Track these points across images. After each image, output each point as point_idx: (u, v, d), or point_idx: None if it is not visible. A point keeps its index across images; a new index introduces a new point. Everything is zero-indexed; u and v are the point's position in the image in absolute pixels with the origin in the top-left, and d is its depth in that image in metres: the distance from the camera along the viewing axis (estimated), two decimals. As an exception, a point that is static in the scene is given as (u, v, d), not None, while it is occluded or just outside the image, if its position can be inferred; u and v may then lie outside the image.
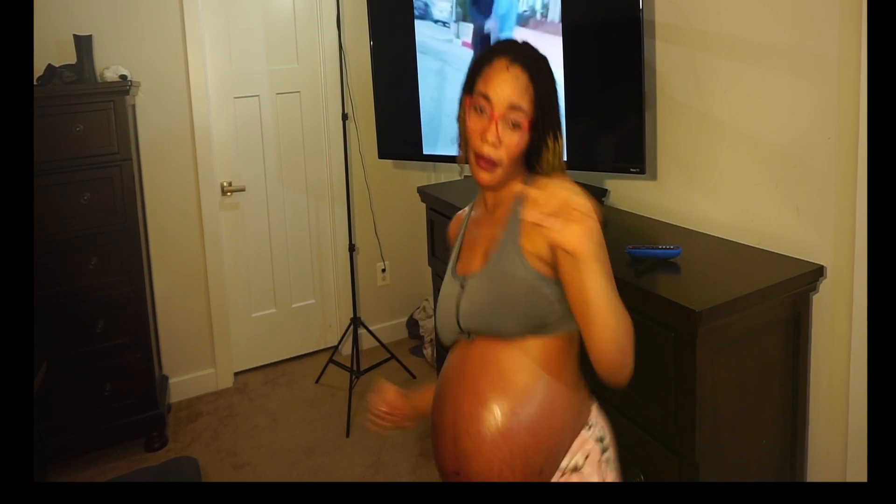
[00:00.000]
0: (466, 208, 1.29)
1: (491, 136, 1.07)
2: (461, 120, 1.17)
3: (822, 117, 1.47)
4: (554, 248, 1.01)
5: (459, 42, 2.35)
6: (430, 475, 2.34)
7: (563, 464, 1.04)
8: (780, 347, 1.48)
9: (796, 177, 1.55)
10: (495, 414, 1.02)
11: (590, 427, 1.09)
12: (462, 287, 1.13)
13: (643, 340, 1.38)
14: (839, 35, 1.41)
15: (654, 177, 1.97)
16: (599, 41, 1.89)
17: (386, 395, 1.27)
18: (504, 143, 1.08)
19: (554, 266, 1.04)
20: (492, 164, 1.09)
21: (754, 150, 1.65)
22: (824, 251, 1.49)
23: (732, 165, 1.72)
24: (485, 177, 1.10)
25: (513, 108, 1.07)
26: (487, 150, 1.08)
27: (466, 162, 1.16)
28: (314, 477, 2.39)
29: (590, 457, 1.06)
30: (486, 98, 1.08)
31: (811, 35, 1.48)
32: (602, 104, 1.92)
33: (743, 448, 1.44)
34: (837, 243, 1.46)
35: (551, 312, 1.04)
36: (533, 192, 0.89)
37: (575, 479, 1.04)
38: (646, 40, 1.83)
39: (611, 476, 1.09)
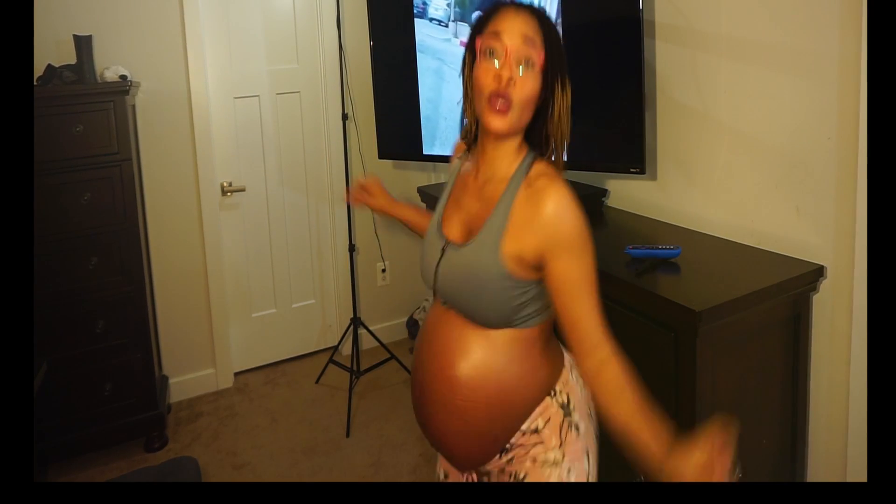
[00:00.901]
0: (453, 160, 1.29)
1: (506, 72, 1.03)
2: (467, 78, 1.13)
3: (822, 117, 1.47)
4: (543, 255, 1.02)
5: (458, 42, 2.35)
6: (431, 475, 2.34)
7: (524, 426, 1.09)
8: (780, 347, 1.48)
9: (796, 177, 1.55)
10: (458, 388, 1.07)
11: (554, 394, 1.11)
12: (443, 251, 1.13)
13: (643, 340, 1.38)
14: (839, 35, 1.41)
15: (654, 177, 1.98)
16: (599, 41, 1.89)
17: (372, 178, 1.53)
18: (518, 82, 1.03)
19: (535, 268, 1.04)
20: (507, 104, 1.03)
21: (754, 150, 1.66)
22: (824, 251, 1.49)
23: (732, 165, 1.72)
24: (498, 123, 1.04)
25: (526, 40, 1.04)
26: (504, 89, 1.03)
27: (469, 134, 1.17)
28: (314, 477, 2.39)
29: (550, 420, 1.09)
30: (497, 34, 1.05)
31: (811, 35, 1.48)
32: (602, 104, 1.92)
33: (743, 448, 1.44)
34: (837, 243, 1.46)
35: (518, 314, 1.06)
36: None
37: (534, 440, 1.09)
38: (646, 40, 1.83)
39: (572, 440, 1.10)
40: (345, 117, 3.00)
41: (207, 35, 2.89)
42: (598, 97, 1.92)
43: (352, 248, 3.01)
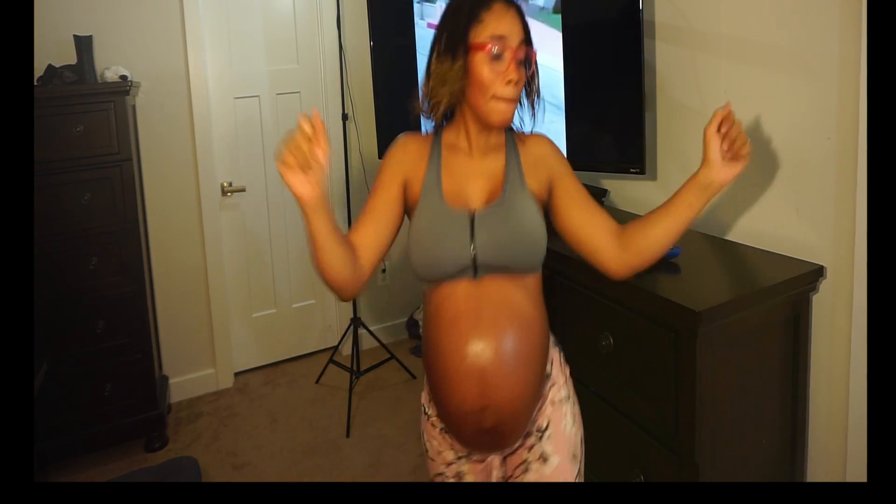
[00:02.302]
0: (410, 141, 1.25)
1: (514, 74, 1.11)
2: (447, 65, 1.15)
3: (822, 117, 1.47)
4: (552, 181, 1.21)
5: (424, 24, 2.37)
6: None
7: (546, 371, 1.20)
8: (780, 347, 1.48)
9: (796, 177, 1.55)
10: (516, 347, 1.10)
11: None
12: (472, 221, 1.13)
13: (643, 340, 1.38)
14: (839, 35, 1.41)
15: (654, 177, 1.98)
16: (599, 41, 1.89)
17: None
18: (520, 79, 1.13)
19: (545, 200, 1.21)
20: (513, 102, 1.13)
21: (754, 150, 1.65)
22: (824, 251, 1.49)
23: (732, 165, 1.72)
24: (504, 118, 1.14)
25: (524, 43, 1.13)
26: (511, 91, 1.11)
27: (433, 111, 1.21)
28: (314, 477, 2.39)
29: (553, 360, 1.22)
30: (502, 39, 1.11)
31: (811, 35, 1.48)
32: (602, 104, 1.92)
33: (743, 448, 1.44)
34: (837, 243, 1.46)
35: (545, 246, 1.17)
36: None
37: (548, 384, 1.19)
38: (646, 40, 1.83)
39: (567, 371, 1.25)
40: (345, 117, 3.00)
41: (207, 35, 2.89)
42: (598, 97, 1.92)
43: (352, 249, 3.01)
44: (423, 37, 2.41)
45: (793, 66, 1.53)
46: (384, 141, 2.78)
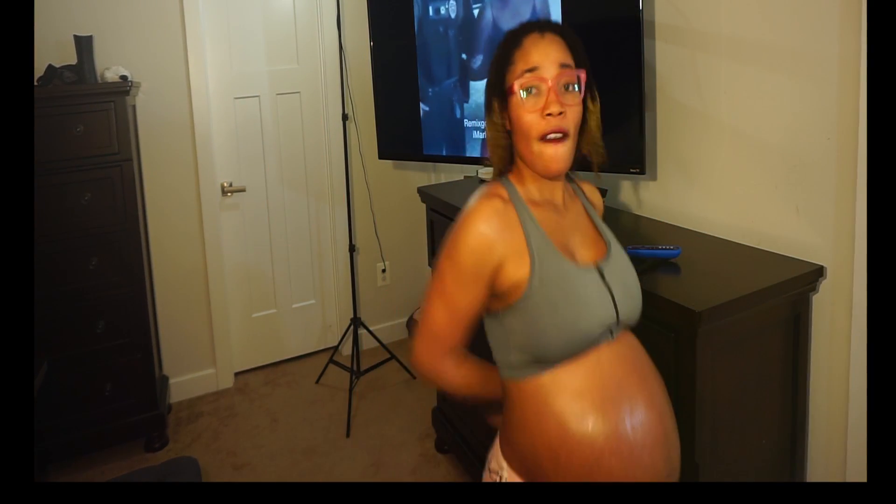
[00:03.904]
0: (492, 219, 1.01)
1: (554, 106, 0.98)
2: (499, 121, 1.06)
3: (822, 117, 1.47)
4: None
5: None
6: (430, 475, 2.34)
7: None
8: (780, 347, 1.48)
9: (796, 177, 1.55)
10: (666, 398, 1.05)
11: None
12: (602, 276, 1.03)
13: (643, 340, 1.38)
14: (839, 35, 1.41)
15: (654, 177, 1.98)
16: (599, 41, 1.89)
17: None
18: (566, 108, 0.99)
19: None
20: (562, 135, 0.99)
21: (754, 151, 1.66)
22: (824, 251, 1.49)
23: (732, 165, 1.72)
24: (557, 165, 1.00)
25: (564, 66, 1.00)
26: (555, 123, 0.98)
27: (503, 165, 1.09)
28: (314, 477, 2.40)
29: None
30: (535, 69, 0.99)
31: (811, 35, 1.48)
32: (602, 104, 1.92)
33: (743, 448, 1.44)
34: (837, 243, 1.46)
35: None
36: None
37: None
38: (646, 41, 1.83)
39: None
40: (345, 117, 3.00)
41: (207, 35, 2.89)
42: (598, 97, 1.92)
43: (352, 248, 3.01)
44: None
45: (793, 66, 1.53)
46: (384, 141, 2.78)
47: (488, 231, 0.99)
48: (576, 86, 1.01)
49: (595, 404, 0.97)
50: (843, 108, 1.42)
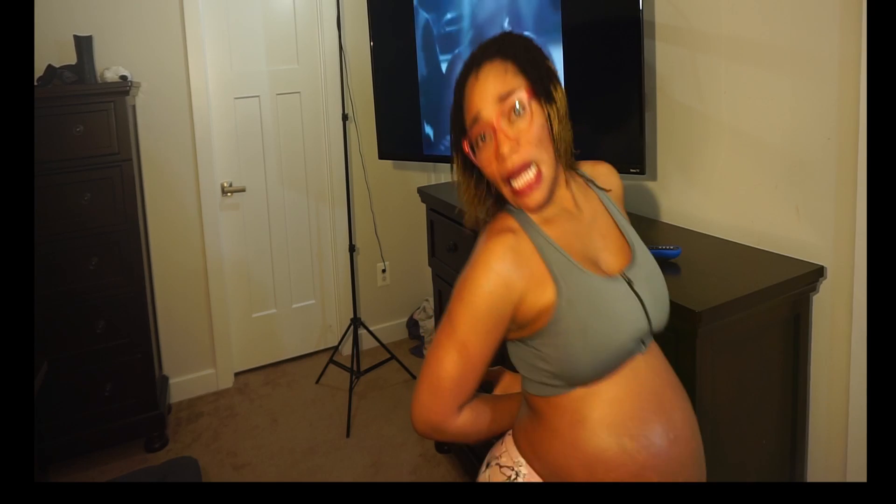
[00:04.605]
0: (508, 256, 0.94)
1: (503, 147, 0.93)
2: (465, 177, 1.03)
3: (822, 117, 1.47)
4: None
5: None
6: (430, 475, 2.34)
7: None
8: (780, 347, 1.48)
9: (796, 177, 1.55)
10: (696, 420, 1.02)
11: None
12: (630, 285, 0.98)
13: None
14: (839, 35, 1.41)
15: (654, 177, 1.98)
16: (599, 42, 1.89)
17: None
18: (519, 136, 0.94)
19: None
20: (525, 168, 0.93)
21: (754, 150, 1.66)
22: (824, 251, 1.49)
23: (732, 165, 1.72)
24: (532, 199, 0.95)
25: (502, 98, 0.94)
26: (512, 162, 0.93)
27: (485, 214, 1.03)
28: (314, 477, 2.40)
29: None
30: (476, 118, 0.96)
31: (811, 35, 1.48)
32: (602, 105, 1.92)
33: (743, 448, 1.44)
34: (837, 243, 1.46)
35: None
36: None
37: None
38: (646, 41, 1.83)
39: None
40: (345, 117, 3.00)
41: (207, 35, 2.89)
42: (598, 97, 1.92)
43: (352, 249, 3.01)
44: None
45: (793, 66, 1.53)
46: (384, 141, 2.78)
47: (504, 269, 0.92)
48: (519, 108, 0.94)
49: (634, 418, 0.93)
50: (843, 108, 1.42)
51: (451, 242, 2.19)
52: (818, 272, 1.48)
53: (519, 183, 0.94)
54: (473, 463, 2.11)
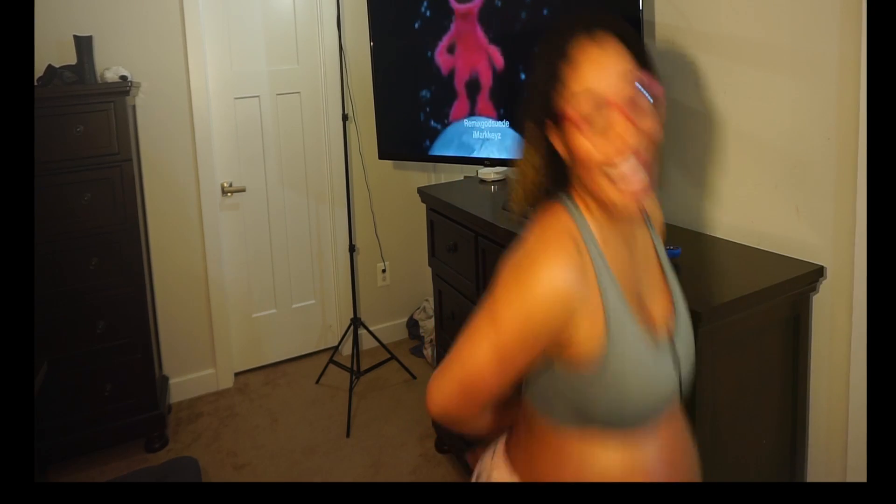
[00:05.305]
0: (568, 268, 0.82)
1: (629, 136, 0.80)
2: (531, 153, 0.89)
3: (822, 118, 1.47)
4: None
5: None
6: (430, 475, 2.34)
7: None
8: (780, 347, 1.48)
9: (796, 177, 1.55)
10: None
11: None
12: (674, 348, 0.90)
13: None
14: (839, 35, 1.41)
15: (654, 177, 1.97)
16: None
17: None
18: (641, 130, 0.81)
19: None
20: (640, 176, 0.82)
21: (754, 151, 1.66)
22: (824, 252, 1.49)
23: (732, 166, 1.72)
24: (638, 203, 0.83)
25: (627, 77, 0.81)
26: (632, 163, 0.81)
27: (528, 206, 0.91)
28: (314, 477, 2.40)
29: None
30: (593, 91, 0.80)
31: (811, 35, 1.48)
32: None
33: (743, 448, 1.44)
34: (837, 243, 1.46)
35: None
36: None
37: None
38: (646, 41, 1.83)
39: None
40: (345, 117, 3.00)
41: (207, 35, 2.89)
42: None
43: (352, 249, 3.01)
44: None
45: (793, 66, 1.53)
46: (384, 141, 2.78)
47: (566, 283, 0.81)
48: (646, 94, 0.82)
49: (641, 472, 0.88)
50: (843, 108, 1.42)
51: (452, 242, 2.19)
52: (818, 272, 1.48)
53: (633, 180, 0.82)
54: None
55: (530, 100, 0.88)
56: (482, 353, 0.84)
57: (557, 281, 0.81)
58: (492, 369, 0.85)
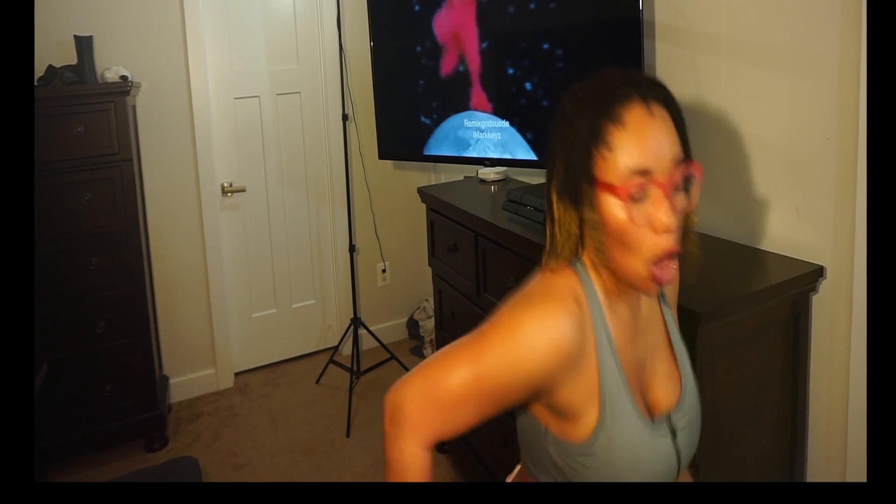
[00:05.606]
0: (568, 324, 0.79)
1: (671, 219, 0.76)
2: (566, 214, 0.83)
3: (822, 118, 1.47)
4: None
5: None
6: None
7: None
8: (780, 347, 1.48)
9: (796, 177, 1.55)
10: None
11: None
12: (674, 435, 0.87)
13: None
14: (839, 35, 1.41)
15: (654, 177, 1.98)
16: (599, 42, 1.89)
17: None
18: (678, 205, 0.79)
19: None
20: (673, 254, 0.79)
21: (754, 151, 1.66)
22: (824, 252, 1.49)
23: (732, 166, 1.72)
24: (668, 275, 0.79)
25: (678, 163, 0.79)
26: (668, 241, 0.77)
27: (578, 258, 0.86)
28: (314, 477, 2.40)
29: None
30: (646, 172, 0.76)
31: (811, 35, 1.48)
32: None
33: (743, 448, 1.44)
34: (837, 243, 1.46)
35: None
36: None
37: None
38: (646, 41, 1.83)
39: None
40: (345, 117, 3.00)
41: (207, 35, 2.89)
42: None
43: (352, 249, 3.01)
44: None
45: (792, 66, 1.53)
46: (384, 141, 2.78)
47: (567, 332, 0.78)
48: (686, 175, 0.80)
49: None
50: (843, 108, 1.42)
51: (452, 242, 2.19)
52: (818, 272, 1.48)
53: (666, 270, 0.79)
54: (473, 463, 2.10)
55: (568, 157, 0.81)
56: (461, 375, 0.80)
57: (552, 339, 0.77)
58: (470, 396, 0.80)
